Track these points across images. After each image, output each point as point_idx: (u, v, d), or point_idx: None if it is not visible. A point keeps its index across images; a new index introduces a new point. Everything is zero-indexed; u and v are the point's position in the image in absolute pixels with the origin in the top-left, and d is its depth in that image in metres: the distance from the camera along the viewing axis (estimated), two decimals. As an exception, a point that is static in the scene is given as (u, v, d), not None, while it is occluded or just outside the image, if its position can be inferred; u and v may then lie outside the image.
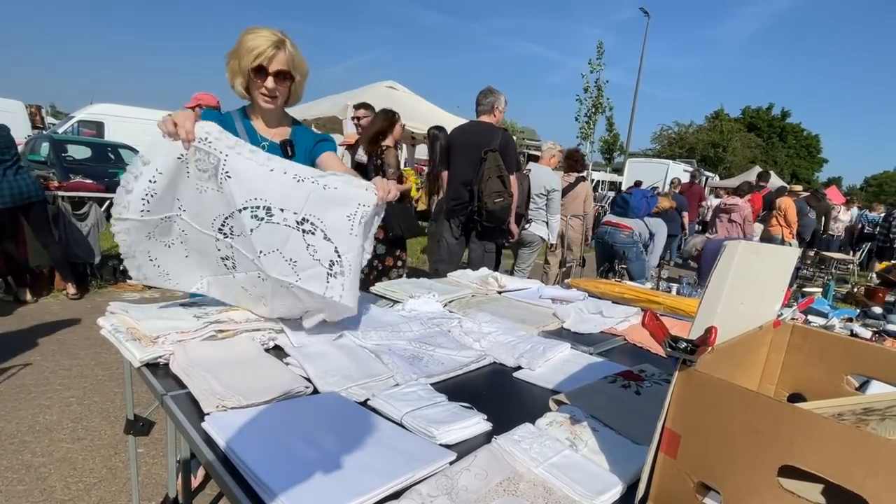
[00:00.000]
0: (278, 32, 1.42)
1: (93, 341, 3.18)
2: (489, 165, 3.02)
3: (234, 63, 1.43)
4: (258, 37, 1.38)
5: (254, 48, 1.38)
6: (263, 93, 1.45)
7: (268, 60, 1.39)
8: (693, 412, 0.61)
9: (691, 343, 0.58)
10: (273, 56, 1.39)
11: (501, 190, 3.02)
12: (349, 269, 1.13)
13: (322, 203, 1.11)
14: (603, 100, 14.55)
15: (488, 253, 3.24)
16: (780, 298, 0.90)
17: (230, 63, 1.44)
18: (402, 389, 0.96)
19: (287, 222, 1.10)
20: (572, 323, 1.51)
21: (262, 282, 1.17)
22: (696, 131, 30.86)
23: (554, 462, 0.74)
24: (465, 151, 3.14)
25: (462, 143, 3.19)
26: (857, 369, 0.87)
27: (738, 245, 0.65)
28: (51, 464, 2.01)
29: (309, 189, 1.10)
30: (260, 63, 1.39)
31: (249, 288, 1.21)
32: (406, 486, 0.68)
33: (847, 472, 0.49)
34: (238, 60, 1.41)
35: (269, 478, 0.66)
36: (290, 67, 1.44)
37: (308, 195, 1.10)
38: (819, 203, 8.00)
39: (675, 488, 0.63)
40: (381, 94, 7.30)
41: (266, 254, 1.11)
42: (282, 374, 1.01)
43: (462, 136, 3.23)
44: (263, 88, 1.44)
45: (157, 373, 1.00)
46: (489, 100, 3.16)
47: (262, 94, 1.46)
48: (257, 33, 1.39)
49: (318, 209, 1.11)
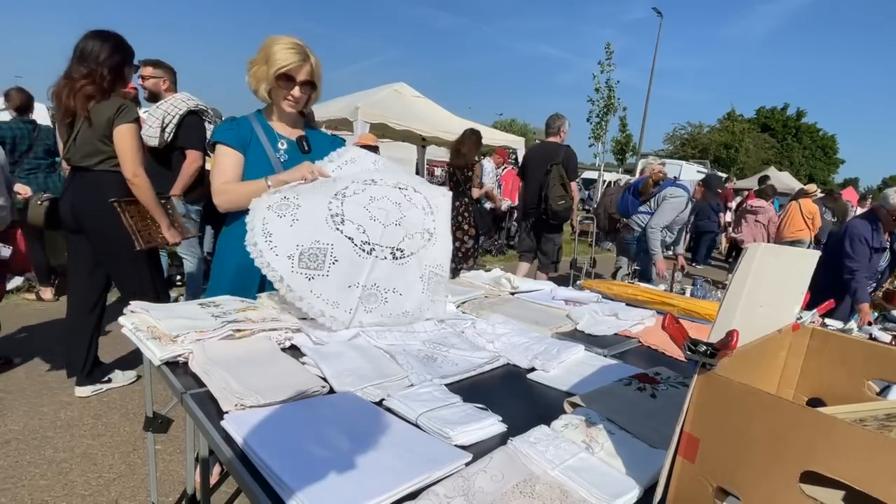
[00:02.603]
0: (301, 42, 1.52)
1: (112, 339, 3.24)
2: (553, 175, 3.97)
3: (260, 70, 1.52)
4: (287, 49, 1.49)
5: (283, 58, 1.49)
6: (289, 99, 1.56)
7: (296, 70, 1.51)
8: (712, 416, 0.60)
9: (712, 346, 0.58)
10: (301, 66, 1.51)
11: (563, 194, 3.98)
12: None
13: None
14: (614, 100, 14.44)
15: (556, 245, 4.26)
16: (800, 301, 0.89)
17: (254, 69, 1.54)
18: (417, 390, 0.97)
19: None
20: (586, 325, 1.51)
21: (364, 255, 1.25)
22: (708, 132, 30.51)
23: (570, 464, 0.74)
24: (537, 166, 4.12)
25: (534, 160, 4.24)
26: (878, 374, 0.85)
27: (757, 247, 0.65)
28: (72, 459, 2.05)
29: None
30: (289, 73, 1.50)
31: (344, 262, 1.23)
32: (423, 486, 0.68)
33: (872, 478, 0.48)
34: (266, 68, 1.50)
35: (288, 476, 0.67)
36: (315, 78, 1.57)
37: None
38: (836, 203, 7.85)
39: (694, 493, 0.62)
40: (392, 97, 7.34)
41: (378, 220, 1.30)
42: (298, 373, 1.02)
43: (534, 154, 4.35)
44: (290, 96, 1.56)
45: (177, 371, 1.02)
46: (556, 123, 4.19)
47: (288, 100, 1.57)
48: (284, 43, 1.50)
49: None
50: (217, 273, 1.68)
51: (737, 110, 31.88)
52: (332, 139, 1.78)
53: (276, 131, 1.64)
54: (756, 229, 6.13)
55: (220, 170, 1.56)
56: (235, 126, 1.59)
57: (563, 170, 3.99)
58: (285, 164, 1.62)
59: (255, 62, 1.53)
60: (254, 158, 1.60)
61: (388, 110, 6.74)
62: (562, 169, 3.99)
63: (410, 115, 7.11)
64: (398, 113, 6.86)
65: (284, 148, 1.64)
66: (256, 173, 1.56)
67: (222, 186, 1.54)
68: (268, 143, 1.60)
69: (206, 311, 1.23)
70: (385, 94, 7.36)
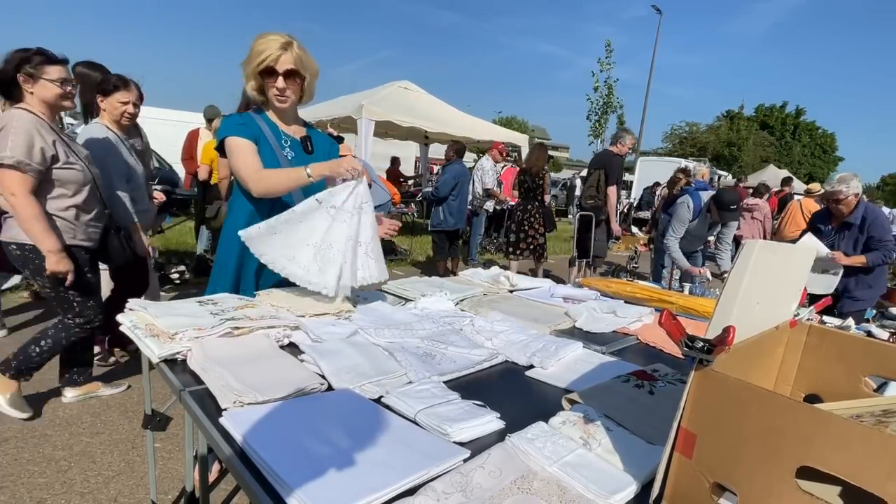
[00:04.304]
0: (286, 35, 1.49)
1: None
2: (592, 178, 4.84)
3: (248, 68, 1.50)
4: (265, 41, 1.46)
5: (262, 51, 1.46)
6: (275, 93, 1.53)
7: (275, 61, 1.47)
8: (709, 412, 0.60)
9: (708, 343, 0.58)
10: (279, 57, 1.47)
11: (594, 195, 4.80)
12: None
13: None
14: (613, 98, 14.43)
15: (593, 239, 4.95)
16: (797, 298, 0.89)
17: (245, 68, 1.52)
18: (416, 387, 0.97)
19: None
20: (584, 322, 1.51)
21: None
22: (707, 130, 30.50)
23: (568, 461, 0.74)
24: (591, 170, 4.99)
25: (591, 166, 5.12)
26: (875, 370, 0.85)
27: (755, 244, 0.65)
28: (71, 457, 2.05)
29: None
30: (268, 65, 1.47)
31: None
32: (421, 482, 0.68)
33: (868, 474, 0.49)
34: (250, 62, 1.48)
35: (286, 473, 0.67)
36: (298, 66, 1.50)
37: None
38: None
39: (691, 489, 0.63)
40: (397, 94, 7.32)
41: None
42: (297, 370, 1.02)
43: (592, 161, 5.28)
44: (275, 88, 1.51)
45: (175, 369, 1.02)
46: (618, 136, 4.88)
47: (275, 94, 1.53)
48: (265, 38, 1.47)
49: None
50: (218, 270, 1.68)
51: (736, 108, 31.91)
52: (332, 143, 1.77)
53: (281, 129, 1.62)
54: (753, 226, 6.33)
55: (247, 161, 1.51)
56: (244, 122, 1.57)
57: (604, 175, 4.69)
58: (292, 161, 1.61)
59: (244, 62, 1.51)
60: (263, 155, 1.57)
61: (393, 108, 6.71)
62: (602, 174, 4.70)
63: (415, 112, 7.08)
64: (403, 110, 6.83)
65: (289, 145, 1.62)
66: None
67: (258, 174, 1.50)
68: (274, 140, 1.59)
69: (204, 309, 1.23)
70: (390, 91, 7.34)
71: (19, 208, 1.84)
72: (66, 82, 1.98)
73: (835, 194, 2.97)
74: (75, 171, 2.02)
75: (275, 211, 1.44)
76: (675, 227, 3.61)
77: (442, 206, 5.16)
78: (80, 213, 2.06)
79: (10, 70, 1.88)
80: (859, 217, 2.97)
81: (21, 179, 1.83)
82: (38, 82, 1.91)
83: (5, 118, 1.86)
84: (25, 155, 1.82)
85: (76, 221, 2.06)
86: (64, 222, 2.01)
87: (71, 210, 2.03)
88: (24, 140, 1.81)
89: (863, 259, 2.96)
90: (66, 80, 1.98)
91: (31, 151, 1.84)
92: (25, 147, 1.82)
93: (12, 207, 1.84)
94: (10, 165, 1.81)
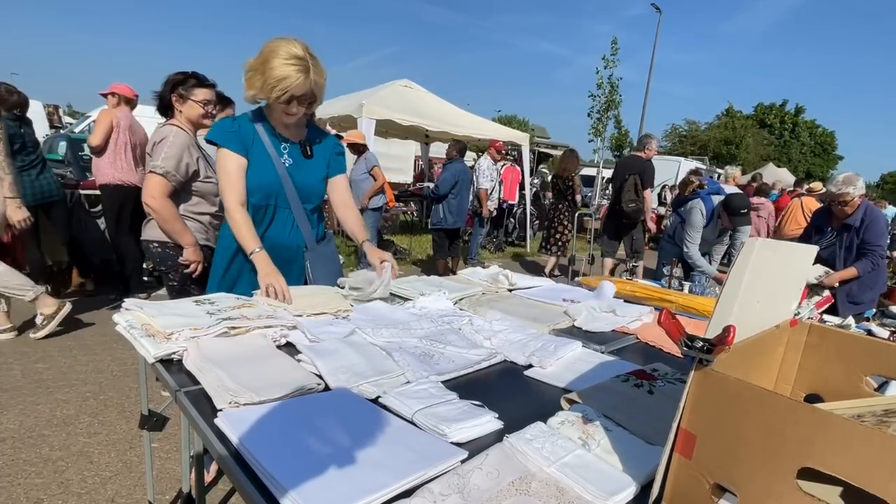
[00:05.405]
0: (300, 48, 1.40)
1: (108, 337, 3.23)
2: (629, 183, 5.06)
3: (257, 80, 1.41)
4: (286, 65, 1.37)
5: (282, 78, 1.38)
6: (287, 114, 1.49)
7: (295, 90, 1.41)
8: (709, 412, 0.60)
9: (708, 342, 0.57)
10: (301, 83, 1.41)
11: (634, 199, 5.07)
12: None
13: None
14: (616, 96, 14.36)
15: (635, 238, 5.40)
16: (797, 297, 0.89)
17: (251, 77, 1.43)
18: (413, 387, 0.96)
19: None
20: (584, 321, 1.50)
21: None
22: (705, 129, 30.51)
23: (566, 461, 0.73)
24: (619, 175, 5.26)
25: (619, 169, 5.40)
26: (876, 370, 0.85)
27: (755, 242, 0.64)
28: (68, 457, 2.04)
29: None
30: (291, 94, 1.42)
31: None
32: (418, 484, 0.68)
33: (869, 474, 0.48)
34: (263, 81, 1.40)
35: (281, 474, 0.66)
36: (316, 90, 1.46)
37: None
38: None
39: (690, 489, 0.62)
40: (398, 93, 7.30)
41: None
42: (293, 370, 1.01)
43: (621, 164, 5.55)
44: (288, 111, 1.48)
45: (171, 369, 1.01)
46: (644, 141, 5.24)
47: (286, 114, 1.49)
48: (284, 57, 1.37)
49: None
50: (214, 274, 1.68)
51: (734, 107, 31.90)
52: (334, 142, 1.74)
53: (280, 133, 1.58)
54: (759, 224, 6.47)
55: (231, 183, 1.50)
56: (236, 127, 1.52)
57: (640, 179, 5.03)
58: (290, 168, 1.57)
59: (252, 68, 1.42)
60: (257, 162, 1.53)
61: (394, 106, 6.68)
62: (637, 179, 5.04)
63: (416, 110, 7.06)
64: (404, 109, 6.80)
65: (287, 151, 1.59)
66: (260, 178, 1.53)
67: (232, 208, 1.50)
68: (271, 146, 1.55)
69: (200, 309, 1.23)
70: (390, 90, 7.31)
71: (160, 210, 1.98)
72: (209, 104, 2.19)
73: (842, 196, 2.91)
74: (212, 184, 2.19)
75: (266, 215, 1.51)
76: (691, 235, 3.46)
77: (442, 205, 5.17)
78: (213, 219, 2.25)
79: (167, 91, 2.11)
80: (859, 219, 2.95)
81: (164, 186, 1.98)
82: (187, 102, 2.13)
83: (165, 132, 2.05)
84: (174, 168, 2.00)
85: (209, 226, 2.23)
86: (199, 225, 2.18)
87: (206, 216, 2.21)
88: (175, 154, 2.01)
89: (854, 272, 2.96)
90: (208, 101, 2.19)
91: (179, 165, 2.02)
92: (175, 161, 2.01)
93: (152, 210, 1.99)
94: (160, 174, 1.96)
